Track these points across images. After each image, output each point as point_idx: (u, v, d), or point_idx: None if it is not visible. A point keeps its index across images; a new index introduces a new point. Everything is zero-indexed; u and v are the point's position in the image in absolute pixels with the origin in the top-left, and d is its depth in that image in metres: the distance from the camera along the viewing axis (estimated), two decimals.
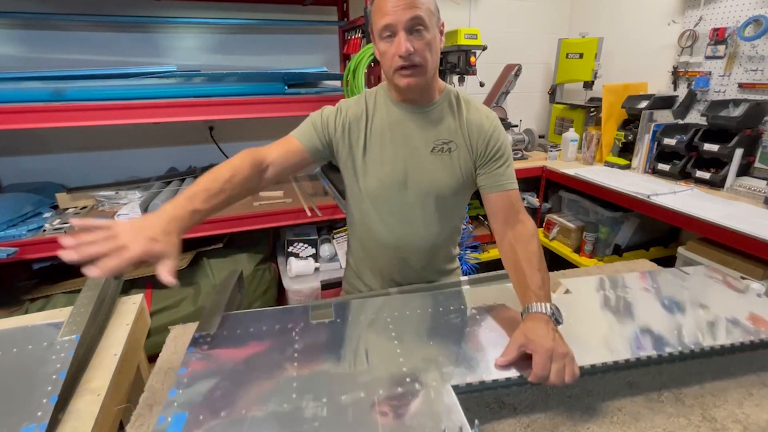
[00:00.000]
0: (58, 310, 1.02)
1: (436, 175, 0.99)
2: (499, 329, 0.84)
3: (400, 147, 0.99)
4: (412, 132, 0.99)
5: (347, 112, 1.00)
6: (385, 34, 0.87)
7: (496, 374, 0.71)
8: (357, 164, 1.01)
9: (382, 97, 1.02)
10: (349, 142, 1.00)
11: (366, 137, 1.00)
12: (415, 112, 0.99)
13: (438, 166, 0.99)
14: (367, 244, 1.11)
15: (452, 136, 0.99)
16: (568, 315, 0.80)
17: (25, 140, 2.00)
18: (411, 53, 0.85)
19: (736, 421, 0.71)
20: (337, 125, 1.00)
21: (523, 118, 2.94)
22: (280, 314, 0.89)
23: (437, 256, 1.11)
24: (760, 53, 1.91)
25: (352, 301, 0.94)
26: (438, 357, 0.75)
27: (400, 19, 0.84)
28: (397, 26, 0.85)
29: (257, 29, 2.22)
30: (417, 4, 0.84)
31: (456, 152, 0.99)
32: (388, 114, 1.00)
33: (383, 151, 0.99)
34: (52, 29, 1.92)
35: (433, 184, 0.99)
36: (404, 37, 0.85)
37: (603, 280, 1.03)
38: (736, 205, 1.74)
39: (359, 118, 1.00)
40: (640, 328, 0.84)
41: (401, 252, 1.06)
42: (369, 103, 1.02)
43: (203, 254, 1.91)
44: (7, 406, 0.69)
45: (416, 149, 0.99)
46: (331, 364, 0.74)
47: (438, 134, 0.99)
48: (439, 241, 1.08)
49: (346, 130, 1.00)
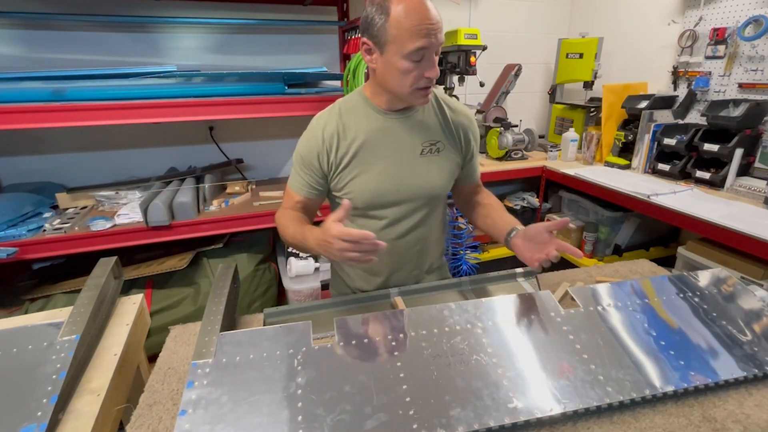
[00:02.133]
0: (58, 310, 1.02)
1: (429, 178, 1.00)
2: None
3: (391, 153, 0.98)
4: (399, 137, 0.98)
5: (324, 134, 0.97)
6: (416, 56, 0.84)
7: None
8: (347, 177, 0.99)
9: (361, 106, 0.98)
10: (336, 162, 0.98)
11: (352, 150, 0.97)
12: (399, 118, 0.98)
13: (429, 169, 1.00)
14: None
15: (438, 136, 1.01)
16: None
17: (25, 140, 2.00)
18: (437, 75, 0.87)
19: (736, 421, 0.71)
20: (321, 156, 0.97)
21: (523, 118, 2.94)
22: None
23: (429, 253, 1.13)
24: (760, 53, 1.91)
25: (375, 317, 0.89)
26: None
27: (433, 43, 0.84)
28: (431, 50, 0.84)
29: (257, 29, 2.22)
30: (441, 27, 0.85)
31: (444, 152, 1.01)
32: (369, 123, 0.97)
33: (375, 160, 0.97)
34: (52, 29, 1.92)
35: (425, 186, 1.00)
36: (435, 61, 0.86)
37: (613, 290, 0.99)
38: (736, 205, 1.74)
39: (341, 134, 0.97)
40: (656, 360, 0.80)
41: (395, 253, 1.06)
42: (348, 115, 0.98)
43: (203, 254, 1.91)
44: (7, 406, 0.69)
45: (405, 154, 0.98)
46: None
47: (425, 136, 0.99)
48: (432, 239, 1.11)
49: (330, 153, 0.97)
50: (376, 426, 0.67)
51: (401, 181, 0.98)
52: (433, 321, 0.88)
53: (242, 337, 0.84)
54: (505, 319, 0.89)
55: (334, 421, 0.67)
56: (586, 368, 0.78)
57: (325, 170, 0.99)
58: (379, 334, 0.85)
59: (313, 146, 0.97)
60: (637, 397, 0.73)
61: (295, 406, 0.70)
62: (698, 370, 0.79)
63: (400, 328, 0.86)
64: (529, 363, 0.79)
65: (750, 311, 0.94)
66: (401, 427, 0.67)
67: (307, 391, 0.72)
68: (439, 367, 0.77)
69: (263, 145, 2.42)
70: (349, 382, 0.74)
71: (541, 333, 0.86)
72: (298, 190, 1.01)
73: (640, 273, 1.23)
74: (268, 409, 0.69)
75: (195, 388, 0.73)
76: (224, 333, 0.85)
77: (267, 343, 0.83)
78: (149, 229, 1.68)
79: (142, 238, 1.70)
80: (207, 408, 0.70)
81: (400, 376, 0.75)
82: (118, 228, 1.68)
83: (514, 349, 0.82)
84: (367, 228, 0.98)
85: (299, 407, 0.70)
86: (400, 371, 0.76)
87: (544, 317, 0.90)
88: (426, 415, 0.68)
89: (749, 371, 0.79)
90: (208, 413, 0.69)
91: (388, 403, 0.70)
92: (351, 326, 0.87)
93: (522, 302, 0.94)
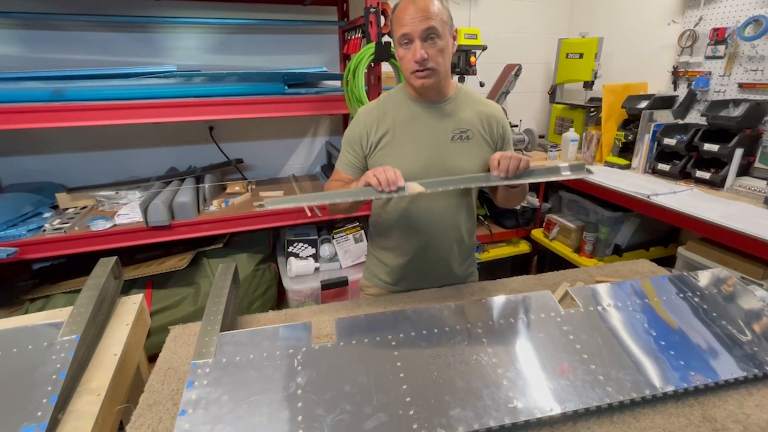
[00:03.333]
0: (58, 310, 1.02)
1: (458, 162, 1.08)
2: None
3: (421, 138, 1.08)
4: (432, 124, 1.08)
5: (366, 119, 1.11)
6: (403, 41, 0.98)
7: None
8: (382, 158, 1.09)
9: (401, 96, 1.12)
10: (374, 142, 1.10)
11: (388, 133, 1.09)
12: (432, 107, 1.09)
13: (459, 153, 1.08)
14: (391, 234, 1.17)
15: (469, 125, 1.08)
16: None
17: (25, 140, 2.00)
18: (425, 59, 0.97)
19: (736, 421, 0.71)
20: (362, 138, 1.11)
21: (523, 118, 2.94)
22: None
23: (459, 248, 1.18)
24: (760, 53, 1.91)
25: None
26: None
27: (416, 29, 0.95)
28: (413, 35, 0.96)
29: (257, 29, 2.22)
30: (431, 16, 0.95)
31: (474, 140, 1.08)
32: (407, 110, 1.10)
33: (406, 143, 1.08)
34: (52, 29, 1.92)
35: (455, 170, 1.07)
36: (419, 45, 0.96)
37: (613, 290, 1.00)
38: (736, 205, 1.74)
39: (380, 119, 1.10)
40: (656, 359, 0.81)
41: (425, 240, 1.13)
42: (388, 103, 1.12)
43: (203, 254, 1.91)
44: (7, 406, 0.69)
45: (437, 139, 1.08)
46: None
47: (456, 124, 1.08)
48: (462, 231, 1.17)
49: (370, 134, 1.10)
50: (376, 426, 0.67)
51: (432, 163, 1.07)
52: (433, 321, 0.88)
53: (242, 337, 0.84)
54: (505, 319, 0.89)
55: (334, 421, 0.67)
56: (586, 368, 0.78)
57: (366, 151, 1.11)
58: (379, 334, 0.85)
59: (357, 130, 1.12)
60: (637, 397, 0.73)
61: (295, 406, 0.70)
62: (698, 370, 0.79)
63: (401, 328, 0.86)
64: (529, 363, 0.79)
65: (750, 311, 0.95)
66: (401, 427, 0.67)
67: (307, 391, 0.72)
68: (439, 367, 0.77)
69: (263, 145, 2.42)
70: (349, 382, 0.74)
71: (541, 333, 0.86)
72: (343, 169, 1.15)
73: (640, 273, 1.23)
74: (268, 409, 0.69)
75: (195, 388, 0.73)
76: (224, 333, 0.85)
77: (267, 343, 0.83)
78: (149, 229, 1.68)
79: (142, 238, 1.70)
80: (207, 408, 0.70)
81: (400, 376, 0.75)
82: (118, 228, 1.68)
83: (514, 349, 0.82)
84: (399, 208, 1.08)
85: (299, 407, 0.70)
86: (400, 371, 0.76)
87: (544, 317, 0.90)
88: (426, 415, 0.68)
89: (749, 371, 0.79)
90: (208, 413, 0.69)
91: (388, 403, 0.70)
92: (351, 326, 0.87)
93: (522, 302, 0.94)
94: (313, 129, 2.52)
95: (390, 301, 1.10)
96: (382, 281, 1.24)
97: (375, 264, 1.26)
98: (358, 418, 0.68)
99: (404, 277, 1.20)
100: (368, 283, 1.29)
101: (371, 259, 1.29)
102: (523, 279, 1.19)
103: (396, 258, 1.19)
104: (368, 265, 1.30)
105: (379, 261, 1.24)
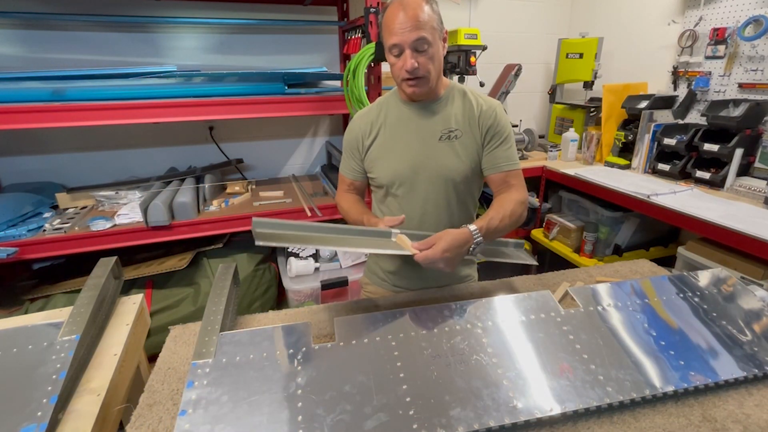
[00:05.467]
0: (58, 310, 1.02)
1: (444, 161, 1.07)
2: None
3: (410, 138, 1.09)
4: (421, 124, 1.09)
5: (360, 123, 1.13)
6: (393, 51, 0.98)
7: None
8: (374, 159, 1.11)
9: (393, 99, 1.13)
10: (368, 145, 1.12)
11: (380, 135, 1.11)
12: (422, 108, 1.09)
13: (445, 152, 1.07)
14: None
15: (457, 125, 1.07)
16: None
17: (25, 140, 2.00)
18: (416, 68, 0.96)
19: (736, 421, 0.71)
20: (358, 143, 1.13)
21: (523, 118, 2.94)
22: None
23: None
24: (760, 53, 1.91)
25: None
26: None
27: (405, 39, 0.94)
28: (403, 46, 0.96)
29: (257, 29, 2.22)
30: (421, 25, 0.94)
31: (462, 139, 1.07)
32: (398, 112, 1.11)
33: (395, 144, 1.09)
34: (52, 29, 1.92)
35: (441, 169, 1.07)
36: (410, 55, 0.96)
37: (613, 290, 1.00)
38: (736, 205, 1.74)
39: (373, 122, 1.12)
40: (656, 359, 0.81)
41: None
42: (382, 107, 1.14)
43: (203, 254, 1.91)
44: (7, 406, 0.69)
45: (424, 139, 1.08)
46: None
47: (444, 124, 1.08)
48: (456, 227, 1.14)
49: (364, 138, 1.12)
50: (376, 426, 0.67)
51: (419, 162, 1.07)
52: (433, 321, 0.88)
53: (242, 337, 0.84)
54: (505, 319, 0.89)
55: (334, 421, 0.67)
56: (586, 368, 0.78)
57: (362, 154, 1.14)
58: (379, 334, 0.85)
59: (353, 135, 1.14)
60: (637, 397, 0.73)
61: (295, 406, 0.70)
62: (698, 370, 0.79)
63: (401, 328, 0.86)
64: (529, 363, 0.79)
65: (750, 311, 0.94)
66: (401, 427, 0.66)
67: (307, 391, 0.72)
68: (439, 367, 0.77)
69: (263, 145, 2.43)
70: (349, 382, 0.74)
71: (541, 333, 0.86)
72: (346, 173, 1.19)
73: (640, 273, 1.23)
74: (268, 409, 0.69)
75: (195, 388, 0.73)
76: (224, 333, 0.85)
77: (267, 343, 0.83)
78: (149, 229, 1.68)
79: (142, 238, 1.70)
80: (207, 408, 0.70)
81: (400, 376, 0.75)
82: (118, 228, 1.68)
83: (514, 349, 0.82)
84: (393, 207, 1.15)
85: (299, 407, 0.70)
86: (400, 371, 0.76)
87: (544, 317, 0.90)
88: (426, 415, 0.68)
89: (749, 371, 0.79)
90: (208, 413, 0.69)
91: (388, 403, 0.70)
92: (351, 326, 0.87)
93: (522, 302, 0.94)
94: (313, 129, 2.52)
95: (390, 301, 1.10)
96: (382, 279, 1.24)
97: (375, 263, 1.26)
98: (358, 418, 0.68)
99: (404, 277, 1.20)
100: (368, 280, 1.30)
101: (371, 258, 1.30)
102: (523, 279, 1.19)
103: (395, 258, 1.19)
104: (369, 264, 1.31)
105: (379, 260, 1.24)
